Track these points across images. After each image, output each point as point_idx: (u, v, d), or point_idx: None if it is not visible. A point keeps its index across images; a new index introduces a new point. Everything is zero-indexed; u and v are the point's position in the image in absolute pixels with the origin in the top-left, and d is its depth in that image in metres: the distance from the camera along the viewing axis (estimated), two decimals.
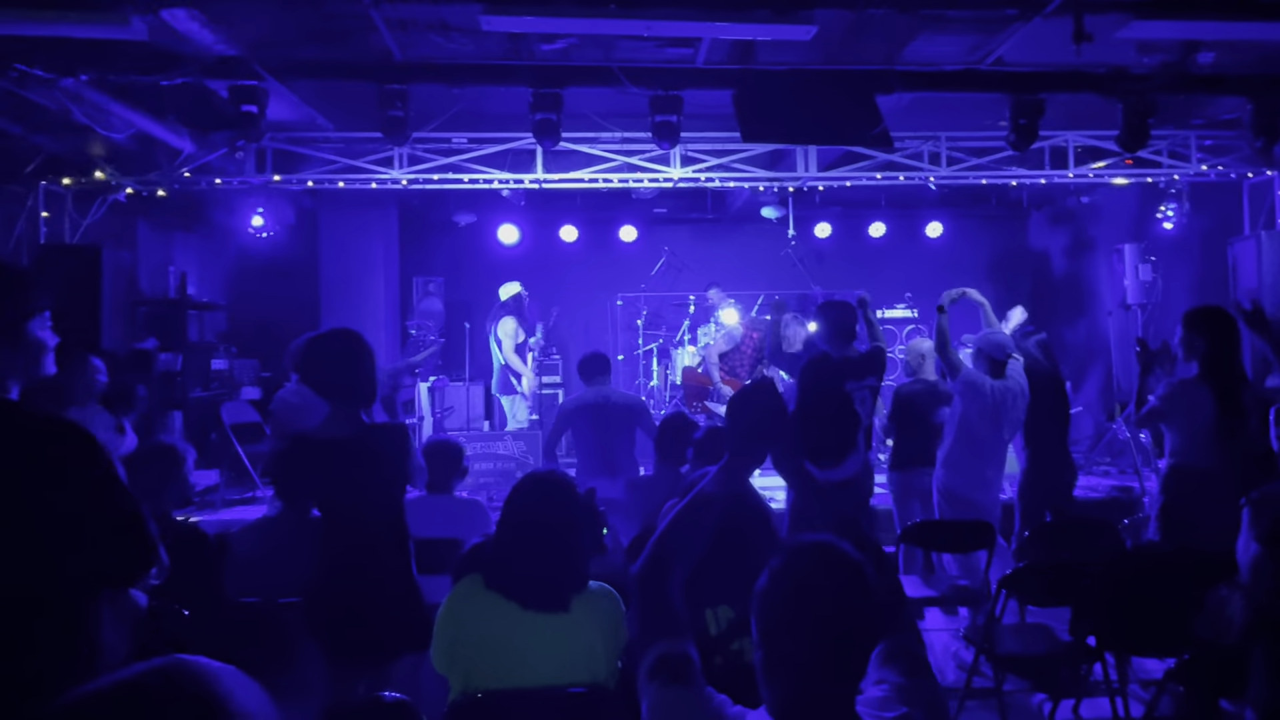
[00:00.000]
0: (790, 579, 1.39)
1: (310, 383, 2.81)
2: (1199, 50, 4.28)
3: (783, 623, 1.38)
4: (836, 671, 1.37)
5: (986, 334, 4.67)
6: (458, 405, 8.73)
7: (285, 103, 5.13)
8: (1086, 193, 8.92)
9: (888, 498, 5.54)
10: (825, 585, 1.37)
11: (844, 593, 1.36)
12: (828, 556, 1.41)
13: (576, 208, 9.52)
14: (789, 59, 4.67)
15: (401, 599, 2.79)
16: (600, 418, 4.61)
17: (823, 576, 1.38)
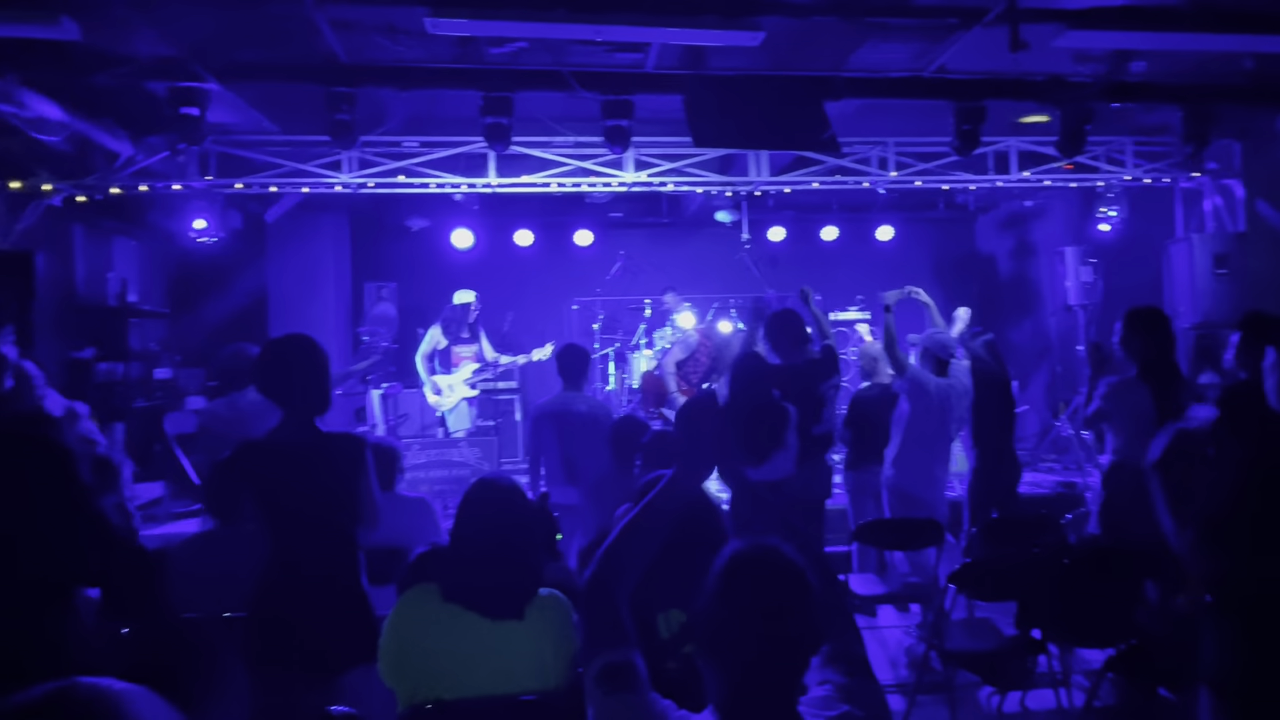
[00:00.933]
0: (726, 582, 1.40)
1: (262, 390, 2.75)
2: (1132, 60, 4.44)
3: (721, 625, 1.39)
4: (776, 673, 1.38)
5: (931, 334, 4.77)
6: (411, 412, 8.61)
7: (228, 105, 5.01)
8: (1030, 197, 9.17)
9: (843, 498, 5.62)
10: (762, 587, 1.38)
11: (781, 594, 1.38)
12: (764, 559, 1.42)
13: (531, 211, 9.48)
14: (739, 64, 4.71)
15: (350, 610, 2.74)
16: (564, 425, 4.58)
17: (759, 579, 1.39)
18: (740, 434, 4.20)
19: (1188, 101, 4.80)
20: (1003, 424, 4.98)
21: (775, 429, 4.02)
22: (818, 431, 4.39)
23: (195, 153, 6.19)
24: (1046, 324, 9.19)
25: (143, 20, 3.76)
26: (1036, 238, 9.75)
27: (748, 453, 4.24)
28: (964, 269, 10.75)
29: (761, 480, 4.21)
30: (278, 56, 4.27)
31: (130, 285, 7.47)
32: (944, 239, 10.77)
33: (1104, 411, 4.02)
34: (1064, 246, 8.48)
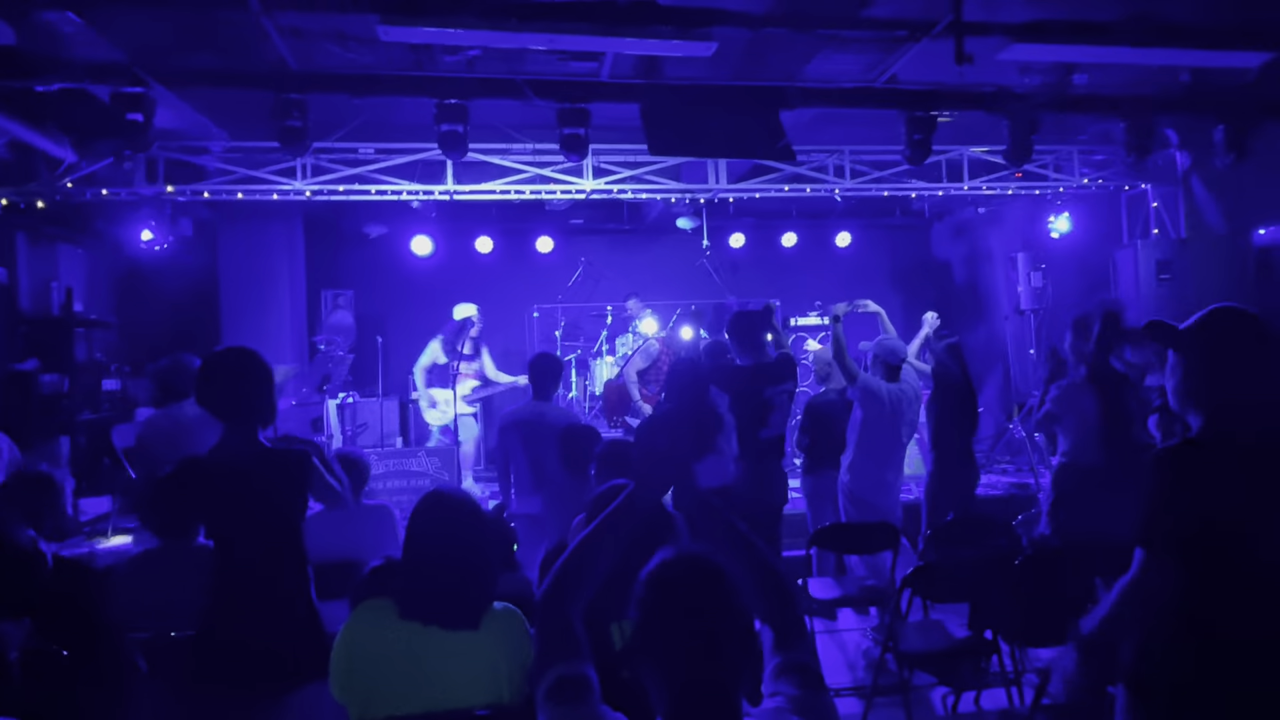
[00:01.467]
0: (650, 592, 1.42)
1: (202, 403, 2.70)
2: (1075, 72, 4.57)
3: (650, 636, 1.40)
4: (710, 681, 1.38)
5: (882, 340, 4.85)
6: (371, 421, 8.49)
7: (176, 111, 4.90)
8: (983, 204, 9.37)
9: (802, 502, 5.68)
10: (684, 597, 1.39)
11: (703, 602, 1.39)
12: (685, 568, 1.43)
13: (491, 218, 9.43)
14: (694, 74, 4.75)
15: (299, 626, 2.69)
16: (532, 435, 4.56)
17: (681, 589, 1.40)
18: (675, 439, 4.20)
19: (1128, 112, 4.97)
20: (962, 427, 5.05)
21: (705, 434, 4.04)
22: (765, 436, 4.39)
23: (142, 159, 6.04)
24: (1000, 328, 9.38)
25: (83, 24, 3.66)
26: (990, 244, 9.96)
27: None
28: (920, 274, 10.94)
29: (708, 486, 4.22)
30: (226, 62, 4.19)
31: (76, 294, 7.27)
32: (901, 245, 10.96)
33: (1053, 414, 4.12)
34: (1016, 252, 8.68)
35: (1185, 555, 1.90)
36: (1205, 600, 1.89)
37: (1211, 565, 1.89)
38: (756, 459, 4.35)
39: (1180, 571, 1.90)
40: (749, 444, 4.30)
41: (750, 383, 4.37)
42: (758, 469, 4.36)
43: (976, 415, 5.21)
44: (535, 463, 4.57)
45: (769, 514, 4.55)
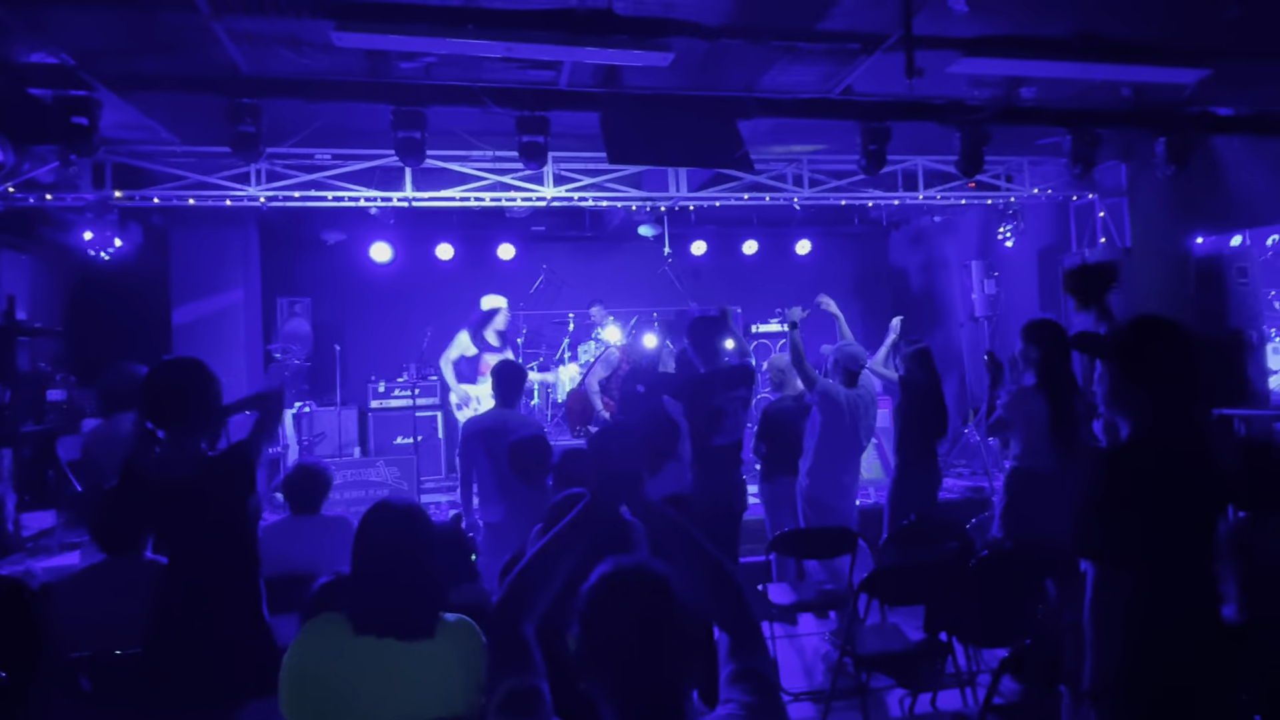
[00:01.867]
0: (589, 604, 1.42)
1: (146, 415, 2.64)
2: (1022, 86, 4.70)
3: (590, 648, 1.40)
4: (653, 691, 1.38)
5: (843, 346, 4.91)
6: (329, 431, 8.36)
7: (123, 114, 4.78)
8: (939, 213, 9.56)
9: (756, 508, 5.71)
10: (622, 608, 1.40)
11: (642, 613, 1.39)
12: (623, 579, 1.43)
13: (452, 225, 9.36)
14: (654, 83, 4.78)
15: (248, 641, 2.64)
16: (495, 443, 4.52)
17: (619, 600, 1.40)
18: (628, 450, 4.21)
19: (1074, 125, 5.11)
20: (927, 433, 5.11)
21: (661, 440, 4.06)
22: (719, 443, 4.40)
23: (88, 163, 5.88)
24: (956, 334, 9.57)
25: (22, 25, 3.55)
26: (945, 252, 10.16)
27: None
28: (878, 281, 11.11)
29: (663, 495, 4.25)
30: (176, 66, 4.10)
31: (20, 302, 7.03)
32: (859, 253, 11.12)
33: (1004, 420, 4.20)
34: (970, 260, 8.87)
35: (1136, 561, 1.95)
36: (1140, 599, 1.94)
37: (1145, 565, 1.94)
38: (712, 466, 4.37)
39: (1133, 578, 1.95)
40: (703, 451, 4.32)
41: (702, 390, 4.39)
42: (714, 476, 4.38)
43: (945, 420, 5.27)
44: (498, 472, 4.54)
45: (727, 520, 4.57)
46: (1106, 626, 1.96)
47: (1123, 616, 1.95)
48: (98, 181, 6.09)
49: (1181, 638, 1.90)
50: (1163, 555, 1.92)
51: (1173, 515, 1.92)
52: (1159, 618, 1.91)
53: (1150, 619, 1.92)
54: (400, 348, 9.14)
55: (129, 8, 3.53)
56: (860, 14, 3.96)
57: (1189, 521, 1.93)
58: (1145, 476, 1.95)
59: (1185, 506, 1.93)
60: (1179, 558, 1.93)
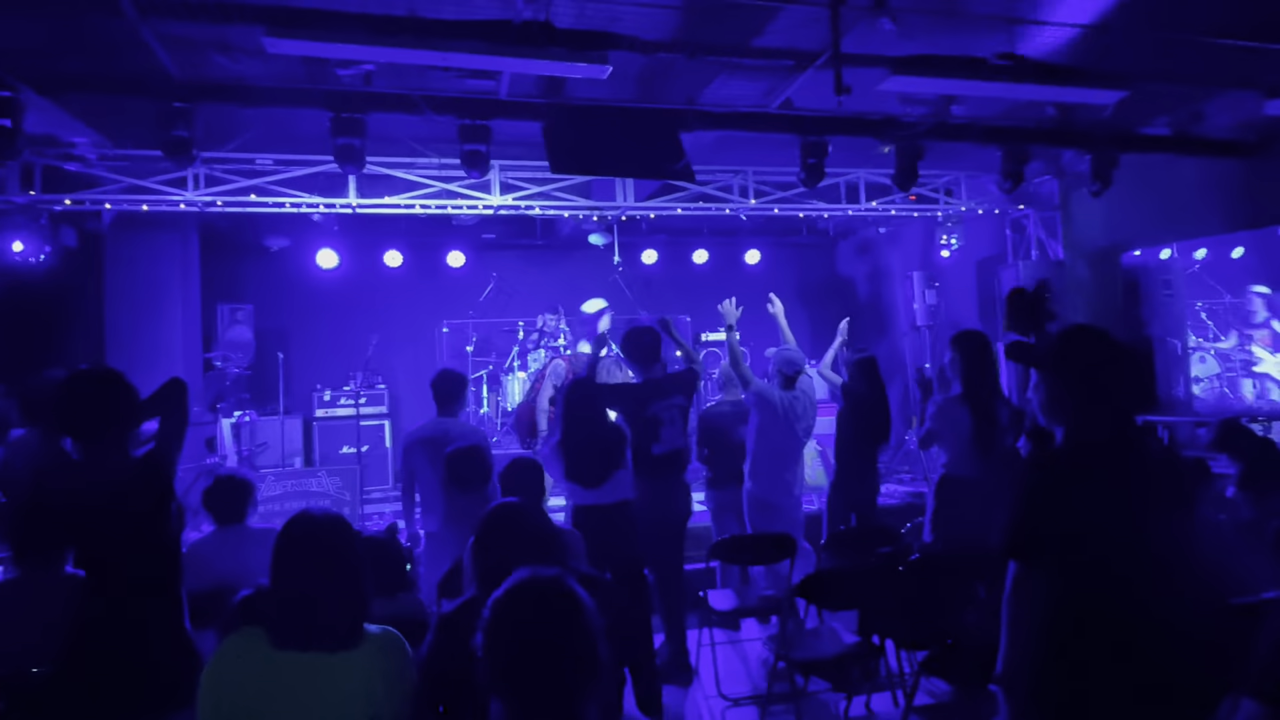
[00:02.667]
0: (490, 617, 1.43)
1: (59, 428, 2.58)
2: (952, 103, 4.86)
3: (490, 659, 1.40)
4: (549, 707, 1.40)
5: (780, 350, 5.02)
6: (272, 440, 8.21)
7: (51, 116, 4.65)
8: (883, 224, 9.78)
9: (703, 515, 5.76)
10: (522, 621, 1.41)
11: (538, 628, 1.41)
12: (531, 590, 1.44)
13: (399, 232, 9.27)
14: (596, 94, 4.82)
15: (169, 655, 2.59)
16: (437, 453, 4.48)
17: (519, 613, 1.42)
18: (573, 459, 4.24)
19: (1003, 142, 5.30)
20: (866, 440, 5.21)
21: (611, 449, 4.09)
22: (658, 451, 4.45)
23: (16, 166, 5.70)
24: (900, 343, 9.78)
25: None
26: (890, 262, 10.38)
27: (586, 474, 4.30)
28: (826, 291, 11.30)
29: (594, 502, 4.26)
30: (104, 68, 4.01)
31: None
32: (807, 263, 11.30)
33: (933, 431, 4.32)
34: (912, 271, 9.09)
35: (1052, 559, 2.01)
36: (1072, 602, 1.98)
37: (1076, 568, 2.00)
38: (652, 474, 4.41)
39: (1048, 575, 2.01)
40: (643, 460, 4.36)
41: (637, 399, 4.43)
42: (655, 484, 4.42)
43: (887, 429, 5.37)
44: (440, 481, 4.50)
45: (671, 528, 4.61)
46: (1019, 620, 2.03)
47: (1037, 611, 2.00)
48: (25, 184, 5.91)
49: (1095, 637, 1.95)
50: (1083, 555, 1.98)
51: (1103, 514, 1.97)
52: (1071, 615, 1.98)
53: (1062, 616, 1.98)
54: (346, 355, 9.02)
55: (53, 9, 3.44)
56: (793, 32, 4.05)
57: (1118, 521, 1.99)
58: (1069, 479, 2.01)
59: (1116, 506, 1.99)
60: (1100, 558, 1.98)
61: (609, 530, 4.00)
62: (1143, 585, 1.96)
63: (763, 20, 3.98)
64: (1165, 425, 6.72)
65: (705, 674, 4.67)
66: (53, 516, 2.70)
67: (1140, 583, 1.96)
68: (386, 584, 3.21)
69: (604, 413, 4.27)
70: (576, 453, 4.11)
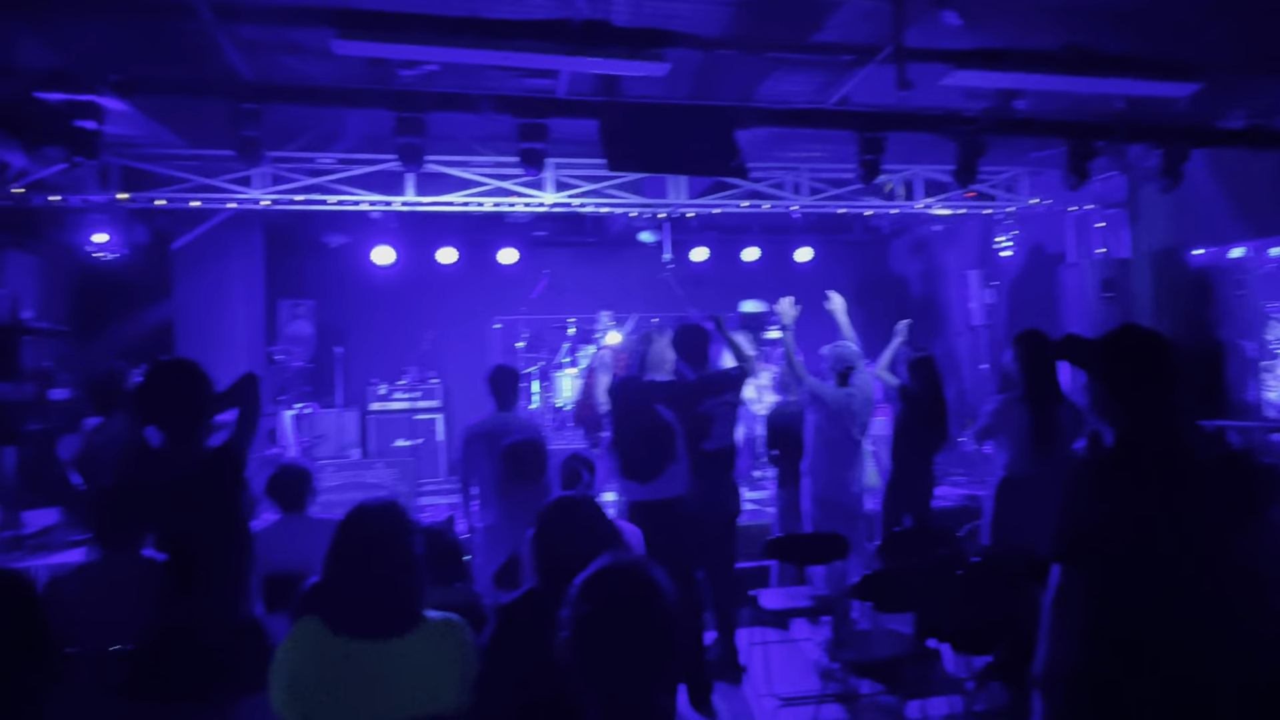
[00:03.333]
0: (574, 603, 1.45)
1: (141, 416, 2.70)
2: (1016, 97, 4.75)
3: (582, 646, 1.42)
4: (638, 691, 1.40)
5: (834, 347, 4.99)
6: (329, 433, 8.43)
7: (129, 119, 4.86)
8: (938, 221, 9.60)
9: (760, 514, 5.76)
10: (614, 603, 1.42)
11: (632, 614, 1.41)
12: (617, 576, 1.46)
13: (454, 229, 9.42)
14: (652, 92, 4.84)
15: (243, 637, 2.69)
16: (495, 446, 4.56)
17: (605, 600, 1.43)
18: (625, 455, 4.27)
19: (1068, 137, 5.16)
20: (922, 441, 5.14)
21: (663, 444, 4.11)
22: (709, 448, 4.46)
23: (95, 166, 5.96)
24: (955, 343, 9.59)
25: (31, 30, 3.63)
26: (945, 260, 10.19)
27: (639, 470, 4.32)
28: (879, 289, 11.14)
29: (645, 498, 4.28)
30: (180, 71, 4.17)
31: (25, 302, 7.10)
32: (860, 261, 11.15)
33: (989, 428, 4.25)
34: (968, 269, 8.90)
35: (1096, 562, 1.98)
36: (1114, 606, 1.97)
37: (1120, 571, 1.97)
38: (702, 472, 4.42)
39: (1092, 578, 1.98)
40: (693, 457, 4.37)
41: (687, 397, 4.44)
42: (705, 481, 4.43)
43: (945, 430, 5.28)
44: (497, 475, 4.57)
45: (721, 525, 4.61)
46: (1060, 622, 2.00)
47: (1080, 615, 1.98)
48: (104, 183, 6.17)
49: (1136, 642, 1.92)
50: (1127, 559, 1.95)
51: (1151, 516, 1.94)
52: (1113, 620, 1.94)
53: (1103, 620, 1.95)
54: (401, 351, 9.21)
55: (135, 15, 3.60)
56: (854, 27, 4.02)
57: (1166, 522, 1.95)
58: (1115, 482, 1.99)
59: (1164, 508, 1.95)
60: (1145, 562, 1.95)
61: (662, 526, 4.01)
62: (1188, 591, 1.93)
63: (822, 15, 3.96)
64: (1238, 430, 6.47)
65: (756, 672, 4.66)
66: (132, 502, 2.83)
67: (1185, 589, 1.93)
68: (444, 574, 3.27)
69: (654, 408, 4.28)
70: (627, 448, 4.14)
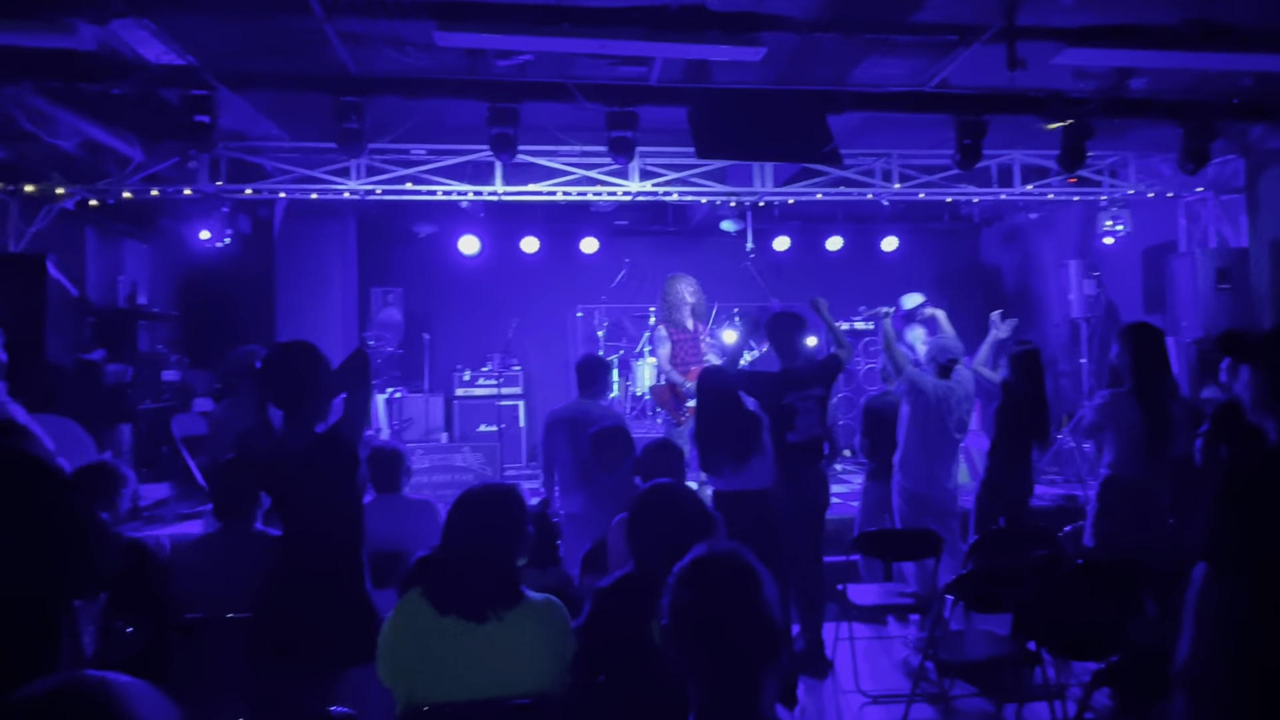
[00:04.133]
0: (674, 590, 1.45)
1: (264, 393, 2.81)
2: (1130, 77, 4.48)
3: (681, 633, 1.42)
4: (739, 680, 1.40)
5: (936, 338, 4.83)
6: (416, 417, 8.68)
7: (239, 113, 5.09)
8: (1034, 209, 9.20)
9: (846, 507, 5.65)
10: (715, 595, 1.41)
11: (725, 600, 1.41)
12: (718, 564, 1.46)
13: (537, 219, 9.55)
14: (743, 78, 4.77)
15: (353, 611, 2.78)
16: (576, 433, 4.62)
17: (703, 587, 1.43)
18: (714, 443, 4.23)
19: (1187, 118, 4.84)
20: (1023, 438, 4.92)
21: (748, 434, 4.07)
22: (792, 440, 4.40)
23: (205, 158, 6.27)
24: (1051, 337, 9.20)
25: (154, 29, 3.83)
26: (1041, 250, 9.77)
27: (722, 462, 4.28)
28: (968, 280, 10.77)
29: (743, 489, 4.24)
30: (288, 66, 4.34)
31: (140, 288, 7.56)
32: (948, 251, 10.80)
33: (1096, 425, 4.05)
34: (1068, 259, 8.51)
35: (1250, 565, 1.88)
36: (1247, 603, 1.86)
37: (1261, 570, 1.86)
38: (788, 463, 4.37)
39: (1245, 581, 1.88)
40: (780, 449, 4.32)
41: (773, 389, 4.38)
42: (789, 473, 4.38)
43: (1046, 427, 5.05)
44: (580, 461, 4.63)
45: (807, 516, 4.55)
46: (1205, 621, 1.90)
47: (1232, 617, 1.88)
48: (213, 175, 6.49)
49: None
50: None
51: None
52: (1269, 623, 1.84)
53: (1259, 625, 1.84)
54: (485, 338, 9.41)
55: (250, 12, 3.76)
56: (958, 5, 3.86)
57: None
58: (1276, 480, 1.88)
59: None
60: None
61: (745, 517, 3.98)
62: None
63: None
64: None
65: (842, 668, 4.58)
66: (250, 478, 2.96)
67: None
68: (539, 557, 3.33)
69: (739, 398, 4.24)
70: (711, 438, 4.12)
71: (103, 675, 0.77)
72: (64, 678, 0.75)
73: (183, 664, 2.86)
